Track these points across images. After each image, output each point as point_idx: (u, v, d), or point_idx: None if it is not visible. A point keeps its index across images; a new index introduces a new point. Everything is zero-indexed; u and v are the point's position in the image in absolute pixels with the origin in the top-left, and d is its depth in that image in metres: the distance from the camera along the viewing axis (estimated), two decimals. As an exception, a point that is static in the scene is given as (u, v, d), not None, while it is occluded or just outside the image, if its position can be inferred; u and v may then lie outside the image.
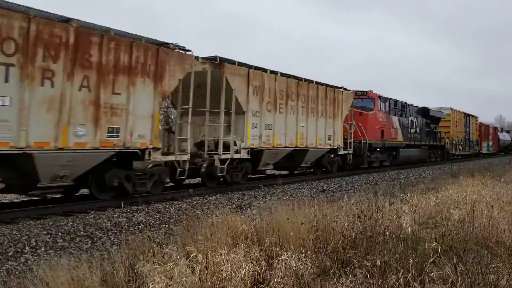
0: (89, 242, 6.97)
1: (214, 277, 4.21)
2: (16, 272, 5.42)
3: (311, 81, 16.33)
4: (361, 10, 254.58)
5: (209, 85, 12.17)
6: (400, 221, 6.49)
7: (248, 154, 13.32)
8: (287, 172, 18.30)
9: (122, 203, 8.63)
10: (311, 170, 18.46)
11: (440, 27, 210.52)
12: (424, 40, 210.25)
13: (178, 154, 11.14)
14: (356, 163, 19.80)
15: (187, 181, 13.16)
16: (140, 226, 7.99)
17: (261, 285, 4.37)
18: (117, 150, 9.40)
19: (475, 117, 40.61)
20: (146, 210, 9.31)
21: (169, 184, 12.52)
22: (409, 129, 25.34)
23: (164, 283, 4.05)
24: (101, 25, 9.36)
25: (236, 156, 12.94)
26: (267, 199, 11.27)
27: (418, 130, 26.75)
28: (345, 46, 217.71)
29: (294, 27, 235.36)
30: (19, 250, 6.31)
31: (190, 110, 11.39)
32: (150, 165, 10.39)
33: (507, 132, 63.89)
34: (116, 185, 9.58)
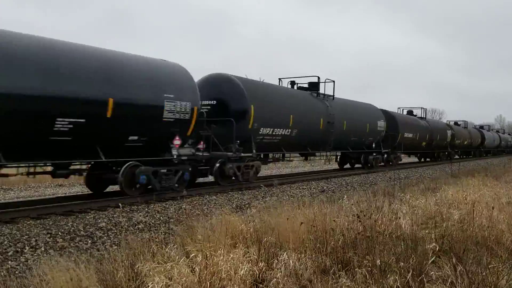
0: (89, 241, 6.98)
1: (213, 277, 4.22)
2: (16, 272, 5.43)
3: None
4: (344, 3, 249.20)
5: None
6: (400, 221, 6.50)
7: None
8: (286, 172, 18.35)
9: (120, 204, 8.72)
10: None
11: (434, 23, 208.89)
12: (417, 37, 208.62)
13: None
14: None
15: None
16: (140, 226, 8.00)
17: (261, 285, 4.37)
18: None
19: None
20: (146, 209, 9.32)
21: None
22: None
23: (164, 283, 4.06)
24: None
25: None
26: (266, 199, 11.28)
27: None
28: (330, 40, 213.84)
29: (275, 21, 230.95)
30: (19, 249, 6.32)
31: None
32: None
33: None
34: None
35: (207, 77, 14.30)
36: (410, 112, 31.01)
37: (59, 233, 7.23)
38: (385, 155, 23.48)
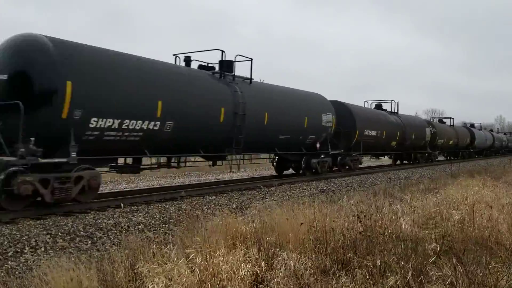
0: (89, 242, 6.98)
1: (213, 278, 4.22)
2: (16, 272, 5.43)
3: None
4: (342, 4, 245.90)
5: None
6: (400, 221, 6.50)
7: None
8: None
9: (121, 204, 8.70)
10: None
11: (434, 23, 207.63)
12: (417, 37, 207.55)
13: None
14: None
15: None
16: (140, 226, 8.00)
17: (261, 285, 4.37)
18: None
19: None
20: (146, 210, 9.32)
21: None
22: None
23: (164, 284, 4.06)
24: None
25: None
26: (266, 199, 11.28)
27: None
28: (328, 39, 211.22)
29: (275, 21, 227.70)
30: (19, 250, 6.32)
31: None
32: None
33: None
34: None
35: (5, 41, 9.17)
36: (379, 106, 25.84)
37: (59, 233, 7.23)
38: (339, 158, 18.95)
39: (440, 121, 37.57)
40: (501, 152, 50.96)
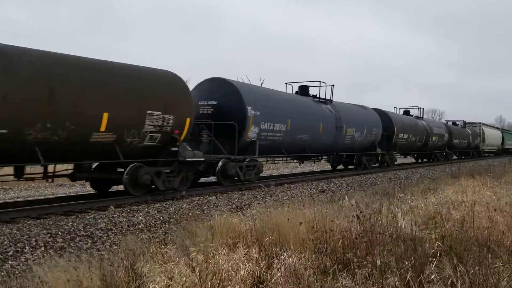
0: (89, 241, 6.98)
1: (214, 277, 4.21)
2: (16, 272, 5.43)
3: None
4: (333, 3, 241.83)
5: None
6: (400, 221, 6.49)
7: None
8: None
9: (112, 207, 8.86)
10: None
11: (426, 20, 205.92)
12: (414, 35, 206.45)
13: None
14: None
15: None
16: (140, 226, 8.00)
17: (261, 285, 4.37)
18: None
19: None
20: (146, 210, 9.32)
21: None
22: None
23: (164, 283, 4.06)
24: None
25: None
26: (267, 199, 11.28)
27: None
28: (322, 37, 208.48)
29: (267, 17, 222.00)
30: (19, 249, 6.32)
31: None
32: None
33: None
34: None
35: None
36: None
37: (59, 233, 7.23)
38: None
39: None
40: (434, 156, 32.59)
